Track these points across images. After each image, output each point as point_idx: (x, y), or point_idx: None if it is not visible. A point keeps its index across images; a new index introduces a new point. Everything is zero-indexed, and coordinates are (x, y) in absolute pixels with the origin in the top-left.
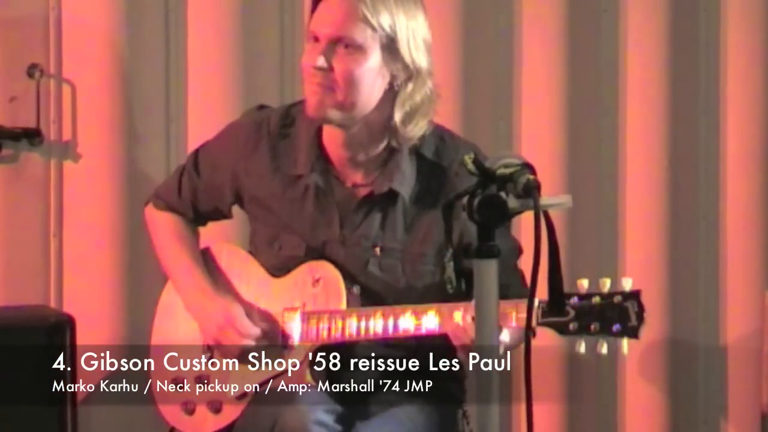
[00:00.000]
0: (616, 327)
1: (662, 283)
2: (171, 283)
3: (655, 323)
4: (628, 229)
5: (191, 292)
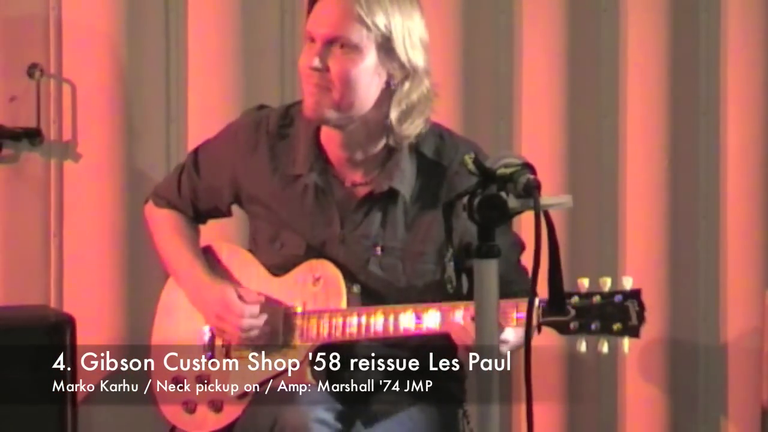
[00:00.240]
0: (616, 326)
1: (662, 283)
2: (171, 282)
3: (656, 322)
4: (629, 229)
5: (193, 284)
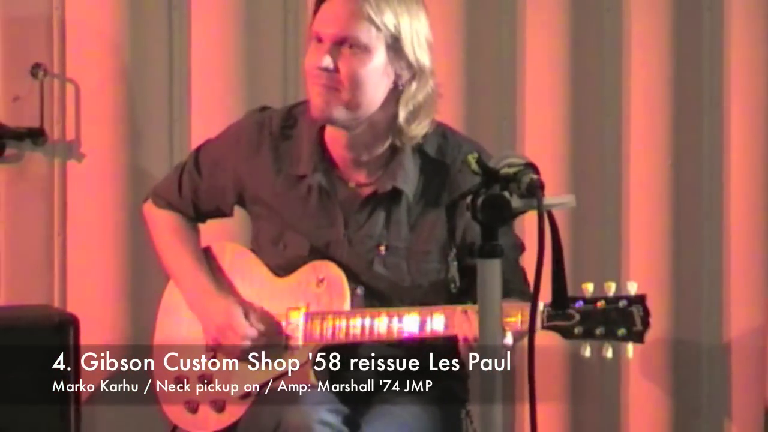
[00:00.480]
0: (621, 331)
1: (666, 282)
2: (173, 283)
3: (659, 322)
4: (632, 227)
5: (194, 291)
